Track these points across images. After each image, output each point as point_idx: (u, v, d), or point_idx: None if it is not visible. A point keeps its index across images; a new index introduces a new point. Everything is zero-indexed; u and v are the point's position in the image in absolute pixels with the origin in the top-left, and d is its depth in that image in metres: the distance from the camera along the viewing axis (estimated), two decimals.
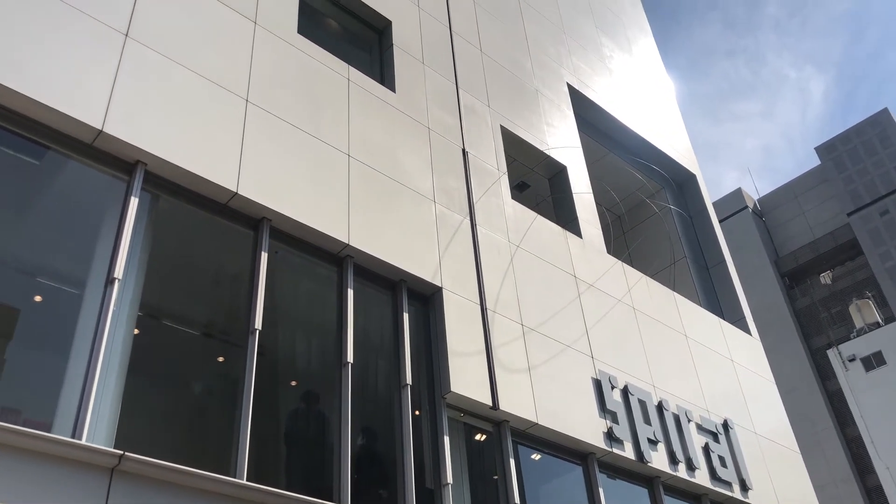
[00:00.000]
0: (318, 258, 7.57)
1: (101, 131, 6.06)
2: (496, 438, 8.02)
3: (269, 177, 7.17)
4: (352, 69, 8.97)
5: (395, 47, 9.93)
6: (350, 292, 7.45)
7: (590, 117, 13.67)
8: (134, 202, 6.17)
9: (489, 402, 7.75)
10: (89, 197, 6.39)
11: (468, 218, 9.11)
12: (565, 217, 11.28)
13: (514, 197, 10.35)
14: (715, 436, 10.45)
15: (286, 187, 7.27)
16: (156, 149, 6.33)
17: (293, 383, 7.66)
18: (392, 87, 9.46)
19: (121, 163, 6.30)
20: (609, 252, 11.39)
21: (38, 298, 5.87)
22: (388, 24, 10.17)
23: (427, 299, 8.22)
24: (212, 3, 7.74)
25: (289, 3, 8.73)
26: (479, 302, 8.41)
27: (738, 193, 56.63)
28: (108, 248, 5.90)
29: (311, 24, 9.13)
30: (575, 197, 11.43)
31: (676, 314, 11.71)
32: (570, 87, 13.22)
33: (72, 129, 6.04)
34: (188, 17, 7.42)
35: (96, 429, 5.27)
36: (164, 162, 6.38)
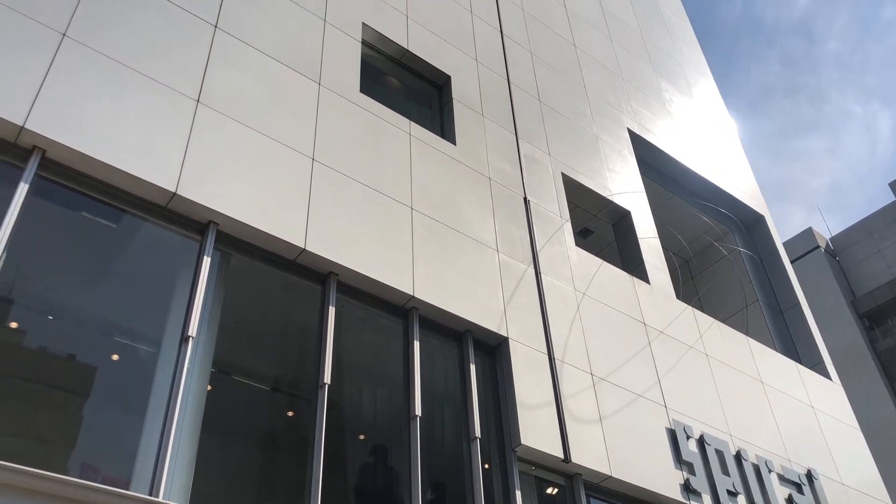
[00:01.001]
0: (384, 310, 7.62)
1: (174, 194, 6.28)
2: (569, 492, 7.82)
3: (334, 232, 7.29)
4: (413, 124, 9.12)
5: (454, 101, 10.08)
6: (416, 344, 7.46)
7: (652, 161, 13.56)
8: (206, 261, 6.34)
9: (560, 455, 7.59)
10: (164, 257, 6.59)
11: (532, 266, 9.07)
12: (631, 263, 11.13)
13: (577, 244, 10.27)
14: (799, 487, 9.98)
15: (352, 241, 7.37)
16: (227, 209, 6.52)
17: (361, 437, 7.65)
18: (452, 140, 9.58)
19: (194, 223, 6.51)
20: (678, 297, 11.16)
21: (115, 357, 6.04)
22: (447, 78, 10.35)
23: (493, 350, 8.16)
24: (278, 67, 8.01)
25: (351, 64, 8.97)
26: (546, 352, 8.31)
27: (808, 233, 54.90)
28: (183, 307, 6.06)
29: (372, 83, 9.35)
30: (640, 242, 11.28)
31: (751, 360, 11.33)
32: (631, 132, 13.17)
33: (147, 193, 6.28)
34: (256, 81, 7.69)
35: (172, 485, 5.34)
36: (235, 221, 6.56)
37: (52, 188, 5.97)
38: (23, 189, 5.61)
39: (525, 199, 9.78)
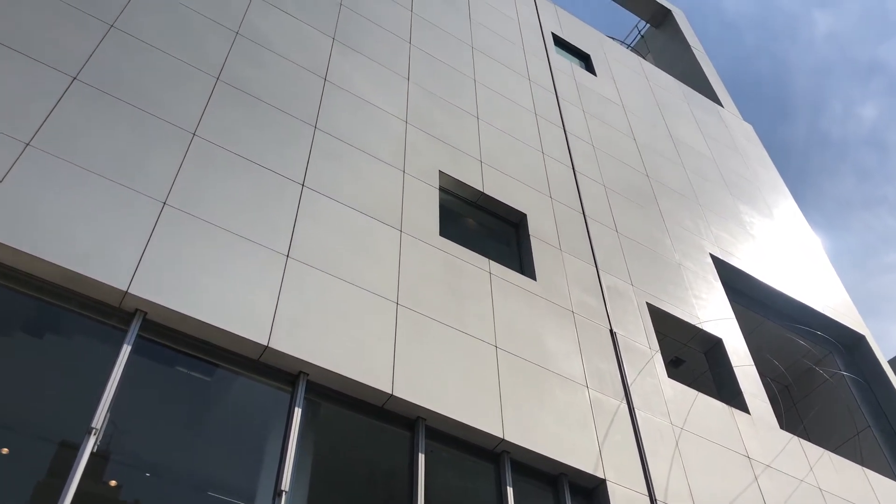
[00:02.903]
0: (474, 455, 7.44)
1: (267, 347, 6.44)
2: None
3: (421, 376, 7.28)
4: (492, 262, 9.23)
5: (531, 237, 10.20)
6: (510, 490, 7.20)
7: (739, 285, 13.24)
8: (298, 413, 6.39)
9: None
10: (256, 410, 6.68)
11: (625, 402, 8.79)
12: (728, 392, 10.66)
13: (670, 375, 9.95)
14: None
15: (438, 385, 7.33)
16: (316, 359, 6.63)
17: None
18: (532, 276, 9.62)
19: (285, 375, 6.63)
20: (782, 427, 10.55)
21: None
22: (523, 216, 10.54)
23: (591, 493, 7.80)
24: (361, 218, 8.33)
25: (430, 210, 9.25)
26: (647, 493, 7.89)
27: None
28: (275, 460, 6.07)
29: (451, 226, 9.59)
30: (736, 370, 10.84)
31: (870, 492, 10.47)
32: (714, 257, 12.98)
33: (241, 347, 6.46)
34: (341, 233, 7.99)
35: None
36: (324, 370, 6.65)
37: (152, 347, 6.22)
38: (126, 351, 5.86)
39: (611, 331, 9.62)
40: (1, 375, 5.51)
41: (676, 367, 11.91)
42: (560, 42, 16.92)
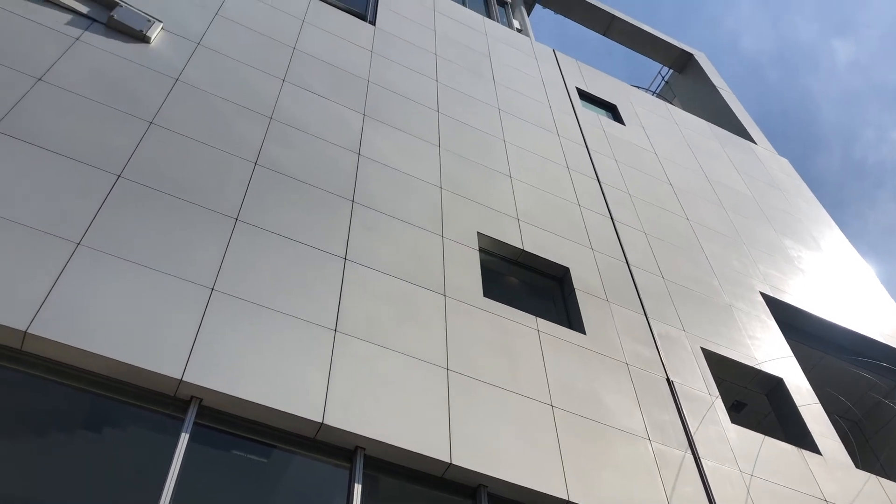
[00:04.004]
0: None
1: (322, 424, 6.41)
2: None
3: (478, 441, 7.16)
4: (539, 320, 9.16)
5: (577, 291, 10.12)
6: None
7: (793, 322, 12.91)
8: (358, 489, 6.32)
9: None
10: (315, 488, 6.62)
11: (689, 452, 8.52)
12: (796, 433, 10.29)
13: (733, 420, 9.65)
14: None
15: (497, 449, 7.20)
16: (372, 432, 6.58)
17: None
18: (581, 330, 9.50)
19: (342, 451, 6.58)
20: (857, 466, 10.11)
21: None
22: (565, 270, 10.48)
23: None
24: (405, 286, 8.36)
25: (471, 272, 9.26)
26: None
27: None
28: None
29: (494, 286, 9.57)
30: (801, 409, 10.48)
31: None
32: (765, 296, 12.71)
33: (296, 427, 6.44)
34: (386, 303, 8.02)
35: None
36: (381, 444, 6.58)
37: (209, 433, 6.24)
38: (184, 439, 5.88)
39: (668, 380, 9.41)
40: (62, 472, 5.56)
41: (739, 412, 11.56)
42: (585, 96, 17.08)
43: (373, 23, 14.24)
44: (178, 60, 9.85)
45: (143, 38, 9.76)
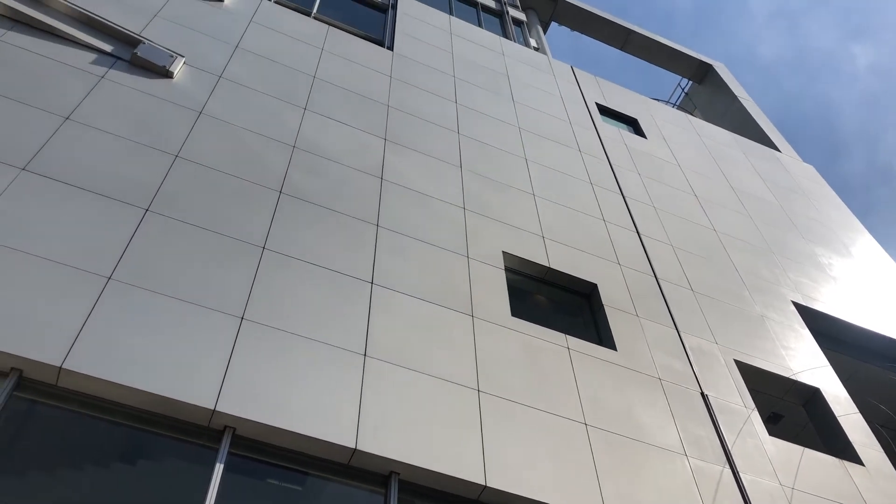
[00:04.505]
0: None
1: (355, 450, 6.39)
2: None
3: (512, 463, 7.09)
4: (569, 337, 9.09)
5: (605, 307, 10.04)
6: None
7: (827, 331, 12.69)
8: None
9: None
10: None
11: (727, 466, 8.38)
12: (836, 444, 10.07)
13: (770, 432, 9.47)
14: None
15: (531, 470, 7.13)
16: (406, 457, 6.54)
17: None
18: (612, 346, 9.41)
19: (376, 476, 6.55)
20: None
21: None
22: (593, 287, 10.40)
23: None
24: (432, 308, 8.35)
25: (499, 291, 9.23)
26: None
27: None
28: None
29: (521, 305, 9.53)
30: (840, 420, 10.27)
31: None
32: (797, 305, 12.52)
33: (329, 453, 6.43)
34: (414, 326, 8.01)
35: None
36: (415, 468, 6.54)
37: (243, 462, 6.24)
38: (219, 469, 5.89)
39: (703, 394, 9.28)
40: None
41: (776, 424, 11.35)
42: (605, 111, 17.06)
43: (390, 48, 14.37)
44: (201, 93, 10.00)
45: (167, 74, 9.93)
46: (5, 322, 5.92)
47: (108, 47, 9.91)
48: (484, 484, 6.72)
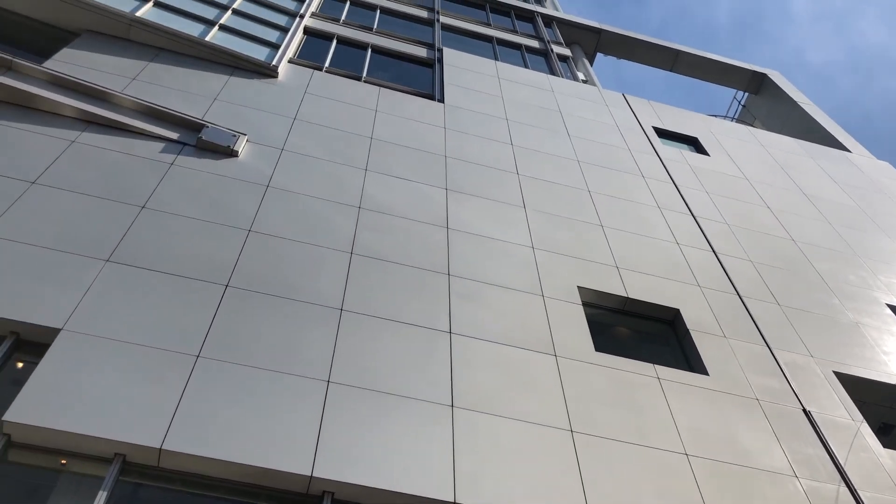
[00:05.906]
0: None
1: (454, 503, 6.31)
2: None
3: (615, 502, 6.88)
4: (658, 367, 8.86)
5: (691, 332, 9.77)
6: None
7: None
8: None
9: None
10: None
11: (843, 484, 7.95)
12: None
13: (884, 444, 8.97)
14: None
15: None
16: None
17: None
18: (703, 371, 9.13)
19: None
20: None
21: None
22: (676, 312, 10.16)
23: None
24: (514, 352, 8.27)
25: (579, 327, 9.09)
26: None
27: None
28: None
29: (604, 339, 9.36)
30: None
31: None
32: (892, 308, 11.95)
33: None
34: (497, 371, 7.94)
35: None
36: None
37: None
38: None
39: (805, 411, 8.88)
40: None
41: (888, 435, 10.75)
42: (663, 133, 16.87)
43: (441, 101, 14.59)
44: (265, 168, 10.32)
45: (232, 153, 10.29)
46: (107, 410, 6.11)
47: (174, 135, 10.35)
48: None
